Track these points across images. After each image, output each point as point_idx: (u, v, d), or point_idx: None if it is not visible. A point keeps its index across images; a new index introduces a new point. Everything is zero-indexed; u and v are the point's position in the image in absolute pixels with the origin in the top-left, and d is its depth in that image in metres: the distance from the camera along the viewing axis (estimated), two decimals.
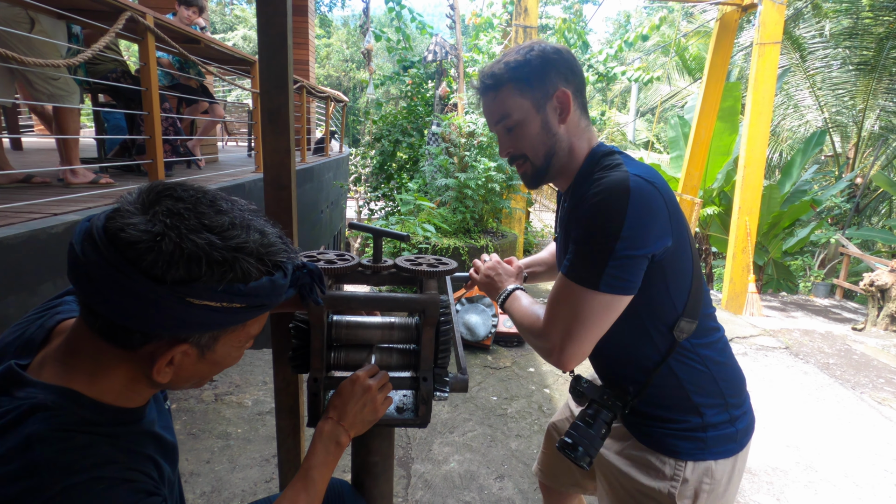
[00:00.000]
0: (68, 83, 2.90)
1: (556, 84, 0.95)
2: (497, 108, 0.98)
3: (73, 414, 0.56)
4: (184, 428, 2.41)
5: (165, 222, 0.53)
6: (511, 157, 1.02)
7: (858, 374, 4.01)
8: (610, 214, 0.82)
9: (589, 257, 0.84)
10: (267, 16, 1.04)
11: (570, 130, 0.97)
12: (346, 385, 0.86)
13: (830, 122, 10.85)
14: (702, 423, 0.94)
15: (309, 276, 0.68)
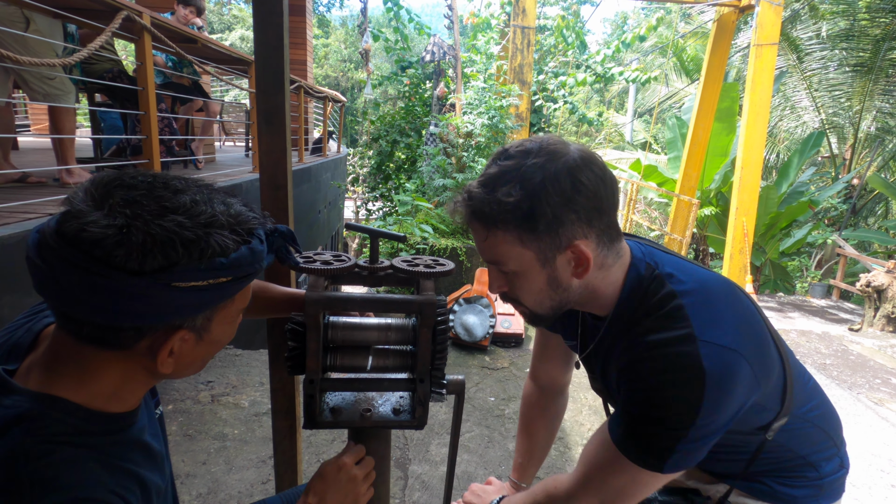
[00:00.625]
0: (64, 83, 2.88)
1: (573, 234, 0.70)
2: (487, 249, 0.75)
3: (59, 423, 0.54)
4: (180, 429, 2.40)
5: (125, 213, 0.51)
6: (503, 295, 0.82)
7: (855, 375, 4.02)
8: (679, 405, 0.68)
9: (653, 441, 0.71)
10: (263, 16, 1.03)
11: (589, 279, 0.76)
12: (331, 471, 0.83)
13: (827, 124, 10.89)
14: (818, 475, 0.89)
15: (282, 238, 0.68)
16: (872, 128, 10.58)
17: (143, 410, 0.68)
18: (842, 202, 9.95)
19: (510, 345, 3.84)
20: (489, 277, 0.82)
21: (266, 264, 0.63)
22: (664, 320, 0.72)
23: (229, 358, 3.21)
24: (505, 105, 5.51)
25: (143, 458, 0.63)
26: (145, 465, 0.63)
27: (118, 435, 0.60)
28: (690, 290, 0.74)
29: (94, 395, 0.58)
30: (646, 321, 0.74)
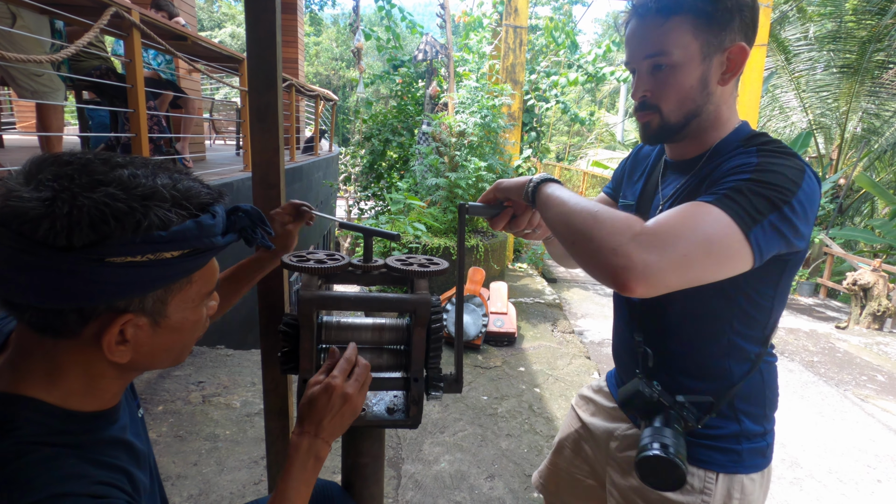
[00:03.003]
0: (52, 80, 2.84)
1: (737, 35, 0.78)
2: (654, 39, 0.79)
3: (35, 425, 0.52)
4: (170, 430, 2.38)
5: (53, 186, 0.48)
6: (642, 102, 0.84)
7: (842, 372, 4.08)
8: (786, 179, 0.70)
9: (751, 198, 0.69)
10: (255, 13, 1.02)
11: (724, 94, 0.82)
12: (321, 396, 0.75)
13: (815, 124, 11.02)
14: (738, 430, 0.86)
15: (247, 218, 0.65)
16: (859, 128, 10.73)
17: (125, 410, 0.66)
18: (829, 202, 10.08)
19: (503, 344, 3.85)
20: (634, 84, 0.85)
21: (225, 242, 0.60)
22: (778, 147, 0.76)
23: (220, 358, 3.19)
24: (497, 104, 5.51)
25: (126, 456, 0.61)
26: (130, 462, 0.61)
27: (98, 433, 0.58)
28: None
29: (66, 393, 0.56)
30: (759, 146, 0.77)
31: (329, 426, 0.75)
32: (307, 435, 0.74)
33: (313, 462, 0.74)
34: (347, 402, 0.76)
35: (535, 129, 7.81)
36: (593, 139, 19.75)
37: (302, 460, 0.73)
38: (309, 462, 0.73)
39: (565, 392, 3.15)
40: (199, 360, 3.12)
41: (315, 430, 0.75)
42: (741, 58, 0.79)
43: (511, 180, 0.92)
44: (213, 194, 0.59)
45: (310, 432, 0.75)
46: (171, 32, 3.36)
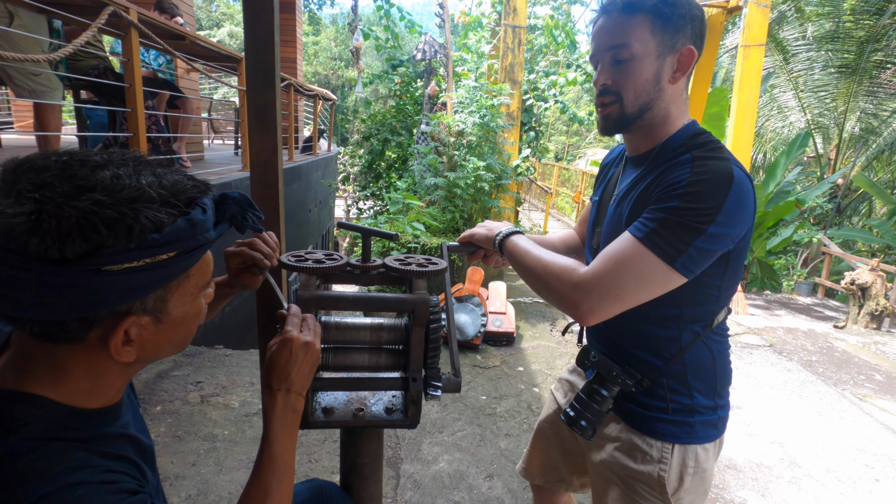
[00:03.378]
0: (50, 79, 2.84)
1: (687, 40, 0.89)
2: (618, 33, 0.89)
3: (42, 421, 0.53)
4: (168, 430, 2.38)
5: (34, 197, 0.46)
6: (604, 89, 0.94)
7: (840, 371, 4.08)
8: (711, 196, 0.80)
9: (676, 230, 0.81)
10: (254, 12, 1.02)
11: (674, 93, 0.92)
12: (282, 351, 0.73)
13: (813, 124, 11.04)
14: (691, 405, 0.95)
15: (236, 205, 0.65)
16: (857, 128, 10.75)
17: (128, 406, 0.67)
18: (827, 201, 10.11)
19: (501, 343, 3.85)
20: (596, 74, 0.94)
21: (218, 234, 0.60)
22: (712, 151, 0.86)
23: (219, 358, 3.18)
24: (496, 104, 5.51)
25: (133, 450, 0.62)
26: (137, 455, 0.62)
27: (104, 429, 0.59)
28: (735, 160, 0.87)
29: (72, 391, 0.56)
30: (695, 151, 0.87)
31: (297, 377, 0.74)
32: (279, 392, 0.73)
33: (292, 417, 0.73)
34: (309, 349, 0.74)
35: (533, 129, 7.81)
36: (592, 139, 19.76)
37: (280, 418, 0.72)
38: (288, 417, 0.72)
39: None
40: (197, 360, 3.11)
41: (286, 386, 0.73)
42: (689, 60, 0.90)
43: (482, 233, 1.12)
44: (199, 187, 0.58)
45: (280, 389, 0.73)
46: (170, 32, 3.36)
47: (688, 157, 0.85)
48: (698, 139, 0.90)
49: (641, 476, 0.97)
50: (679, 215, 0.81)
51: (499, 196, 5.70)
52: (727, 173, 0.81)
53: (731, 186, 0.80)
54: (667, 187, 0.84)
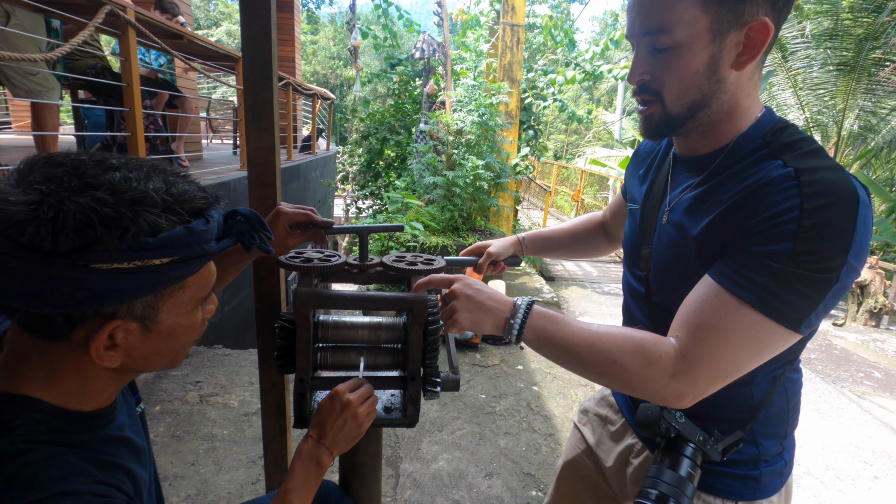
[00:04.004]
0: (47, 79, 2.83)
1: (759, 8, 0.63)
2: (655, 13, 0.66)
3: (34, 423, 0.52)
4: (168, 430, 2.37)
5: (41, 189, 0.47)
6: (641, 86, 0.72)
7: (839, 369, 4.09)
8: (837, 228, 0.58)
9: (798, 286, 0.60)
10: (250, 9, 1.02)
11: (741, 81, 0.68)
12: (326, 402, 0.82)
13: (812, 122, 11.05)
14: (757, 455, 0.79)
15: (246, 222, 0.64)
16: (855, 126, 10.76)
17: (123, 407, 0.66)
18: None
19: (501, 342, 3.85)
20: (633, 64, 0.72)
21: (220, 248, 0.58)
22: (814, 157, 0.64)
23: (218, 358, 3.18)
24: (495, 102, 5.51)
25: (127, 453, 0.61)
26: (130, 459, 0.61)
27: (97, 432, 0.58)
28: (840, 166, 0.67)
29: (63, 394, 0.55)
30: (788, 156, 0.65)
31: (331, 432, 0.80)
32: (310, 439, 0.80)
33: (315, 467, 0.78)
34: (347, 407, 0.80)
35: (532, 128, 7.80)
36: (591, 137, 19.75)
37: (304, 464, 0.77)
38: (311, 466, 0.78)
39: (564, 390, 3.15)
40: (196, 359, 3.11)
41: (318, 434, 0.80)
42: (763, 37, 0.64)
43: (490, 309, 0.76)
44: (208, 198, 0.57)
45: (313, 436, 0.80)
46: (168, 31, 3.35)
47: (788, 172, 0.62)
48: (784, 137, 0.68)
49: None
50: (799, 265, 0.59)
51: (498, 195, 5.70)
52: (850, 192, 0.59)
53: (857, 210, 0.59)
54: (767, 220, 0.61)
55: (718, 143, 0.73)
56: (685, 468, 0.73)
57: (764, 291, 0.61)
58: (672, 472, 0.73)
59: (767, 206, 0.62)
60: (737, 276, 0.64)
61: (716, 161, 0.73)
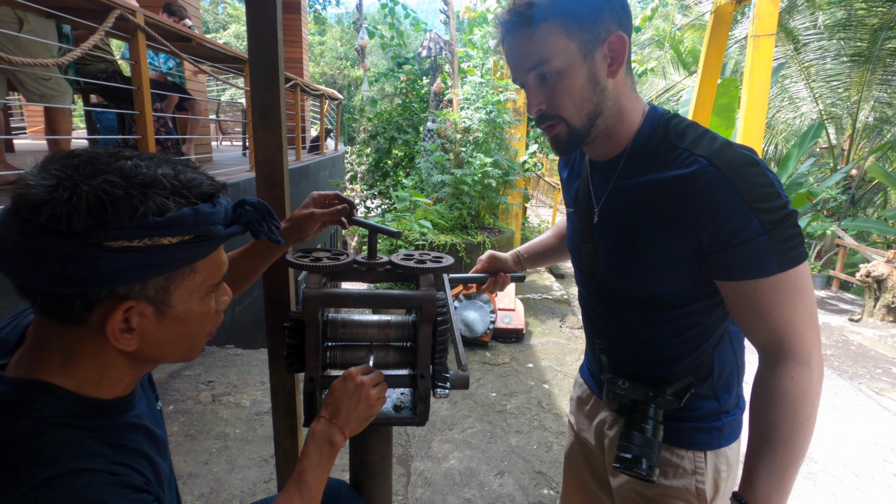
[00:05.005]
0: (60, 83, 2.87)
1: (610, 26, 0.77)
2: (532, 51, 0.77)
3: (53, 408, 0.54)
4: (181, 429, 2.40)
5: (58, 175, 0.51)
6: (541, 116, 0.83)
7: (856, 365, 4.02)
8: (763, 183, 0.72)
9: (785, 233, 0.71)
10: (256, 10, 1.02)
11: (618, 87, 0.81)
12: (338, 383, 0.84)
13: (825, 114, 10.86)
14: (717, 408, 0.89)
15: (255, 211, 0.66)
16: (870, 118, 10.56)
17: (142, 399, 0.67)
18: (840, 193, 9.94)
19: (511, 340, 3.84)
20: (528, 99, 0.83)
21: (228, 233, 0.60)
22: (701, 137, 0.77)
23: (230, 357, 3.21)
24: (502, 100, 5.48)
25: (146, 441, 0.62)
26: (150, 448, 0.62)
27: (115, 418, 0.60)
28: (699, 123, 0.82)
29: (82, 381, 0.57)
30: (680, 145, 0.78)
31: (343, 411, 0.81)
32: (323, 419, 0.81)
33: (328, 446, 0.79)
34: (360, 388, 0.82)
35: None
36: None
37: (318, 444, 0.79)
38: (325, 446, 0.79)
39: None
40: (208, 359, 3.14)
41: (330, 414, 0.81)
42: (622, 46, 0.78)
43: None
44: (215, 185, 0.60)
45: (325, 416, 0.81)
46: (177, 34, 3.38)
47: (708, 169, 0.73)
48: (676, 127, 0.80)
49: (677, 492, 0.89)
50: (772, 224, 0.71)
51: (506, 192, 5.68)
52: (749, 156, 0.74)
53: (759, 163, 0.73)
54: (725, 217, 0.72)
55: (621, 146, 0.85)
56: (650, 428, 0.84)
57: (775, 256, 0.72)
58: (640, 434, 0.84)
59: (716, 206, 0.73)
60: (747, 265, 0.73)
61: (623, 160, 0.85)
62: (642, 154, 0.83)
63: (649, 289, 0.85)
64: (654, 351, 0.90)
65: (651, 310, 0.87)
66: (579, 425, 1.11)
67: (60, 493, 0.49)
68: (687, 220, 0.76)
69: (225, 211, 0.60)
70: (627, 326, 0.92)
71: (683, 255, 0.79)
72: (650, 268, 0.83)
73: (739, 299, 0.76)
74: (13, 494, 0.47)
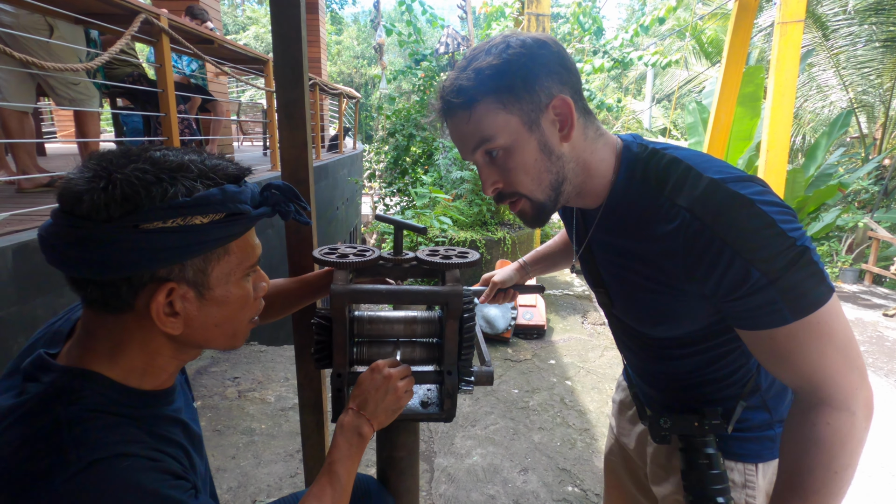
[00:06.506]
0: (88, 87, 2.94)
1: (550, 90, 0.71)
2: (472, 132, 0.72)
3: (98, 396, 0.57)
4: (209, 424, 2.45)
5: (95, 168, 0.55)
6: (500, 194, 0.77)
7: (892, 362, 3.88)
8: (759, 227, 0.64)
9: (797, 275, 0.63)
10: (280, 9, 1.03)
11: (576, 146, 0.75)
12: (366, 375, 0.85)
13: (856, 103, 10.49)
14: (769, 419, 0.83)
15: (280, 194, 0.68)
16: None
17: (181, 394, 0.70)
18: (873, 183, 9.60)
19: (532, 336, 3.82)
20: (481, 178, 0.77)
21: (257, 214, 0.63)
22: (684, 179, 0.69)
23: (254, 354, 3.26)
24: None
25: (184, 435, 0.65)
26: (187, 441, 0.65)
27: (155, 409, 0.62)
28: (683, 153, 0.73)
29: (127, 370, 0.60)
30: (662, 194, 0.71)
31: (372, 403, 0.82)
32: (351, 411, 0.83)
33: (357, 438, 0.81)
34: (387, 380, 0.83)
35: None
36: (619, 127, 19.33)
37: (346, 436, 0.80)
38: (353, 438, 0.80)
39: (598, 385, 3.10)
40: (234, 356, 3.20)
41: (358, 406, 0.82)
42: (567, 109, 0.71)
43: None
44: (240, 168, 0.63)
45: (353, 408, 0.82)
46: (199, 37, 3.43)
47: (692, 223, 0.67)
48: (655, 168, 0.72)
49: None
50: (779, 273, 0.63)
51: None
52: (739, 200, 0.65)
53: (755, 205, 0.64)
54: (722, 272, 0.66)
55: (599, 197, 0.79)
56: (709, 462, 0.79)
57: (787, 305, 0.64)
58: (703, 473, 0.79)
59: (708, 262, 0.67)
60: (757, 316, 0.67)
61: (602, 213, 0.79)
62: (623, 205, 0.76)
63: (671, 331, 0.80)
64: (689, 380, 0.85)
65: (679, 345, 0.82)
66: (620, 429, 1.09)
67: (104, 476, 0.51)
68: (685, 274, 0.71)
69: (251, 192, 0.63)
70: (658, 360, 0.88)
71: (695, 303, 0.74)
72: (665, 316, 0.78)
73: (757, 346, 0.70)
74: (61, 476, 0.50)
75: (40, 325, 0.71)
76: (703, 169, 0.69)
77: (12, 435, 0.52)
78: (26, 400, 0.55)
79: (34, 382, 0.57)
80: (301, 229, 1.14)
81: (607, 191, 0.78)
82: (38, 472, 0.50)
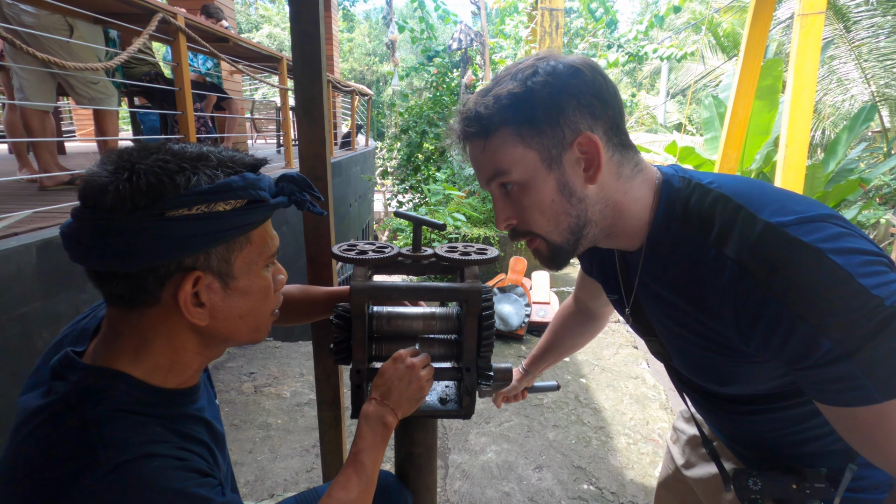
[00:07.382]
0: (107, 86, 2.98)
1: (577, 124, 0.62)
2: (487, 163, 0.67)
3: (124, 395, 0.57)
4: (226, 419, 2.48)
5: (116, 161, 0.56)
6: (513, 231, 0.71)
7: None
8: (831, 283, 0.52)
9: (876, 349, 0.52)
10: (298, 5, 1.03)
11: (606, 187, 0.65)
12: (389, 364, 0.85)
13: (878, 96, 10.24)
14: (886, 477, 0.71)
15: (294, 184, 0.69)
16: None
17: (204, 393, 0.70)
18: (895, 179, 9.38)
19: None
20: (496, 211, 0.71)
21: (275, 203, 0.64)
22: (731, 222, 0.59)
23: (269, 350, 3.29)
24: None
25: (207, 433, 0.65)
26: (210, 439, 0.65)
27: (180, 409, 0.63)
28: (736, 188, 0.62)
29: (152, 368, 0.60)
30: (707, 240, 0.61)
31: (395, 392, 0.83)
32: (374, 401, 0.83)
33: (381, 428, 0.81)
34: (410, 369, 0.83)
35: None
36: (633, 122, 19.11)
37: (371, 425, 0.81)
38: (378, 427, 0.81)
39: (613, 382, 3.08)
40: (249, 351, 3.23)
41: (381, 395, 0.83)
42: (595, 149, 0.62)
43: None
44: (256, 158, 0.64)
45: (376, 398, 0.83)
46: (214, 35, 3.46)
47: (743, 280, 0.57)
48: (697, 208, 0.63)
49: None
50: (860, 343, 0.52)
51: None
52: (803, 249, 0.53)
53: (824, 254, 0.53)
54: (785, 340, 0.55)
55: (637, 239, 0.69)
56: None
57: (872, 381, 0.53)
58: None
59: (765, 327, 0.56)
60: (833, 392, 0.56)
61: (644, 259, 0.70)
62: (664, 250, 0.67)
63: (741, 391, 0.70)
64: (780, 439, 0.73)
65: (760, 402, 0.71)
66: (688, 464, 0.98)
67: (133, 477, 0.51)
68: (741, 339, 0.60)
69: (268, 182, 0.64)
70: (736, 417, 0.76)
71: (763, 366, 0.64)
72: (731, 378, 0.68)
73: (839, 423, 0.59)
74: (91, 477, 0.50)
75: (63, 320, 0.72)
76: (756, 208, 0.58)
77: (41, 436, 0.53)
78: (54, 400, 0.55)
79: (61, 381, 0.58)
80: (318, 225, 1.15)
81: (645, 232, 0.68)
82: (68, 474, 0.50)
